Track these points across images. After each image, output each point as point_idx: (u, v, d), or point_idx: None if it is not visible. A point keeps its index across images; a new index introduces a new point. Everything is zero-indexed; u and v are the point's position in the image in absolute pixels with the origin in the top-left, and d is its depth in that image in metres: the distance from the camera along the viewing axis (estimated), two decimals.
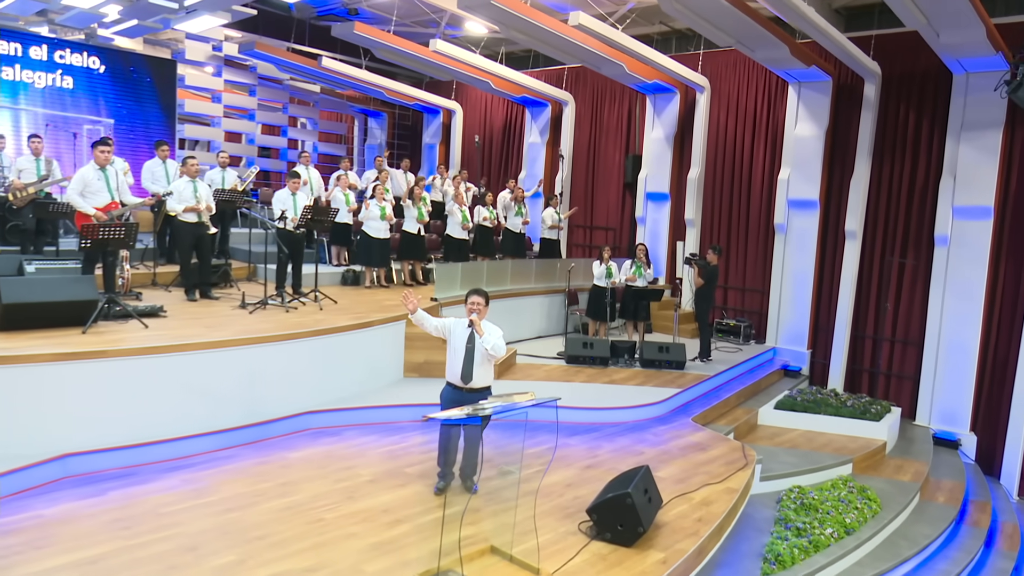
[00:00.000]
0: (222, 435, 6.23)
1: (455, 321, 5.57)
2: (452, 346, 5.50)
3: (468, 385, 5.41)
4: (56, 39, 12.64)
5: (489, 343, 5.32)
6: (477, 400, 5.47)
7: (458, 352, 5.44)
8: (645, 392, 8.53)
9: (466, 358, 5.40)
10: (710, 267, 10.16)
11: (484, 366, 5.45)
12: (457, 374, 5.43)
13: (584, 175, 14.54)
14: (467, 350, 5.41)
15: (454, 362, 5.47)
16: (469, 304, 5.49)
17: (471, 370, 5.39)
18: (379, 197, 10.14)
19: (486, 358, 5.42)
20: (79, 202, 6.93)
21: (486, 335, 5.34)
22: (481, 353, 5.39)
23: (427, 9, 13.27)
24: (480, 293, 5.53)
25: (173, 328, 6.63)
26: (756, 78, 12.17)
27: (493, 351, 5.33)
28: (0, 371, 5.24)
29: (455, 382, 5.47)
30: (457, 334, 5.49)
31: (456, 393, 5.47)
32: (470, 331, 5.44)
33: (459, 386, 5.45)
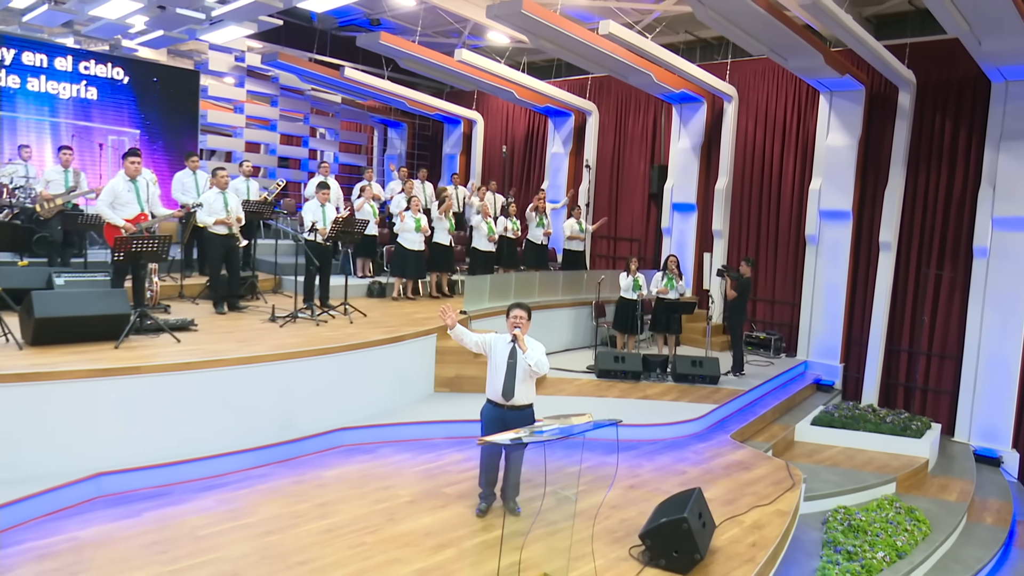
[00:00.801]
0: (255, 453, 6.07)
1: (496, 336, 5.40)
2: (493, 362, 5.32)
3: (510, 402, 5.23)
4: (81, 50, 12.63)
5: (532, 359, 5.14)
6: (519, 418, 5.31)
7: (499, 368, 5.26)
8: (681, 408, 8.32)
9: (507, 374, 5.21)
10: (743, 279, 9.95)
11: (526, 383, 5.27)
12: (498, 391, 5.24)
13: (608, 185, 14.38)
14: (508, 366, 5.22)
15: (495, 379, 5.28)
16: (512, 318, 5.31)
17: (513, 387, 5.20)
18: (414, 209, 10.01)
19: (528, 374, 5.24)
20: (109, 214, 6.84)
21: (529, 350, 5.16)
22: (523, 369, 5.21)
23: (450, 19, 13.20)
24: (523, 307, 5.35)
25: (205, 343, 6.50)
26: (785, 87, 11.99)
27: (536, 367, 5.15)
28: (33, 388, 5.11)
29: (496, 399, 5.29)
30: (498, 349, 5.31)
31: (497, 411, 5.28)
32: (511, 346, 5.27)
33: (500, 403, 5.26)
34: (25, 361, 5.37)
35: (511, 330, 5.27)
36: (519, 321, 5.27)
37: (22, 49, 11.96)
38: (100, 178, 11.09)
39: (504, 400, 5.22)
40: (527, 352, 5.13)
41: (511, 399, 5.20)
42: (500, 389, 5.21)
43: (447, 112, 16.30)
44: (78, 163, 10.85)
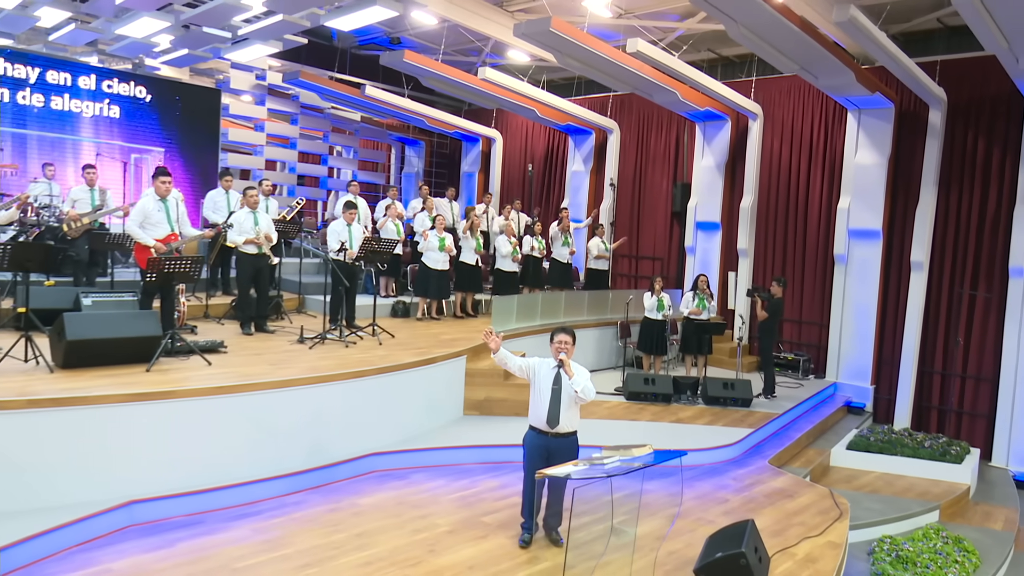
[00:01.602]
0: (288, 479, 5.92)
1: (540, 361, 5.25)
2: (537, 387, 5.17)
3: (554, 430, 5.06)
4: (104, 68, 12.66)
5: (579, 384, 4.98)
6: (564, 445, 5.14)
7: (543, 394, 5.10)
8: (716, 432, 8.12)
9: (552, 400, 5.06)
10: (774, 300, 9.78)
11: (572, 409, 5.11)
12: (542, 418, 5.08)
13: (630, 204, 14.25)
14: (553, 392, 5.07)
15: (539, 405, 5.13)
16: (556, 343, 5.17)
17: (558, 413, 5.05)
18: (439, 228, 9.91)
19: (574, 401, 5.09)
20: (139, 234, 6.74)
21: (575, 376, 5.01)
22: (569, 395, 5.06)
23: (472, 37, 13.17)
24: (568, 332, 5.22)
25: (236, 365, 6.37)
26: (812, 105, 11.87)
27: (583, 394, 5.00)
28: (67, 413, 4.98)
29: (540, 426, 5.12)
30: (542, 375, 5.16)
31: (541, 438, 5.12)
32: (556, 371, 5.12)
33: (544, 430, 5.10)
34: (58, 385, 5.25)
35: (556, 355, 5.12)
36: (564, 346, 5.13)
37: (47, 68, 12.00)
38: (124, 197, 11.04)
39: (549, 427, 5.06)
40: (573, 377, 4.97)
41: (556, 426, 5.04)
42: (544, 416, 5.05)
43: (466, 130, 16.26)
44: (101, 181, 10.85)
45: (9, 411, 4.79)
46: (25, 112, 11.82)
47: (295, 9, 8.82)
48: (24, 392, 5.03)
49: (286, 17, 9.13)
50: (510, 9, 12.11)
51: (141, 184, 12.05)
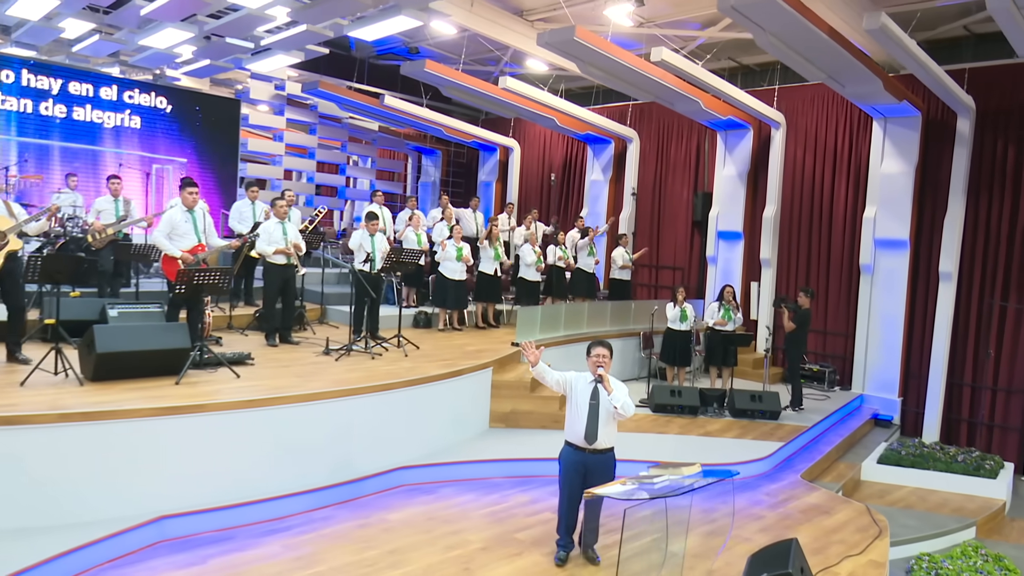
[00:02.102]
0: (315, 494, 5.84)
1: (576, 375, 5.15)
2: (574, 403, 5.06)
3: (592, 446, 4.95)
4: (125, 79, 12.70)
5: (619, 400, 4.87)
6: (601, 462, 5.02)
7: (581, 409, 4.99)
8: (745, 446, 7.98)
9: (590, 416, 4.95)
10: (802, 311, 9.64)
11: (610, 425, 5.00)
12: (580, 434, 4.97)
13: (650, 213, 14.15)
14: (591, 407, 4.95)
15: (576, 420, 5.01)
16: (593, 357, 5.06)
17: (596, 429, 4.93)
18: (456, 238, 9.84)
19: (612, 416, 4.98)
20: (166, 245, 6.71)
21: (615, 391, 4.90)
22: (607, 411, 4.95)
23: (491, 47, 13.15)
24: (605, 345, 5.11)
25: (264, 378, 6.30)
26: (836, 113, 11.75)
27: (623, 410, 4.88)
28: (99, 427, 4.92)
29: (577, 442, 5.01)
30: (579, 389, 5.06)
31: (578, 455, 5.01)
32: (593, 386, 5.02)
33: (581, 447, 4.99)
34: (89, 398, 5.20)
35: (593, 369, 5.02)
36: (602, 360, 5.02)
37: (69, 79, 12.04)
38: (145, 207, 11.06)
39: (586, 444, 4.95)
40: (613, 393, 4.87)
41: (594, 443, 4.93)
42: (582, 432, 4.95)
43: (484, 139, 16.22)
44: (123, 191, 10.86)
45: (41, 425, 4.74)
46: (48, 123, 11.87)
47: (319, 19, 8.80)
48: (55, 406, 4.99)
49: (310, 27, 9.11)
50: (530, 19, 12.08)
51: (162, 194, 12.05)
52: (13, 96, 11.50)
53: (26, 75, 11.62)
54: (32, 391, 5.31)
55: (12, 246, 5.80)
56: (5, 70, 11.42)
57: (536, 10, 11.84)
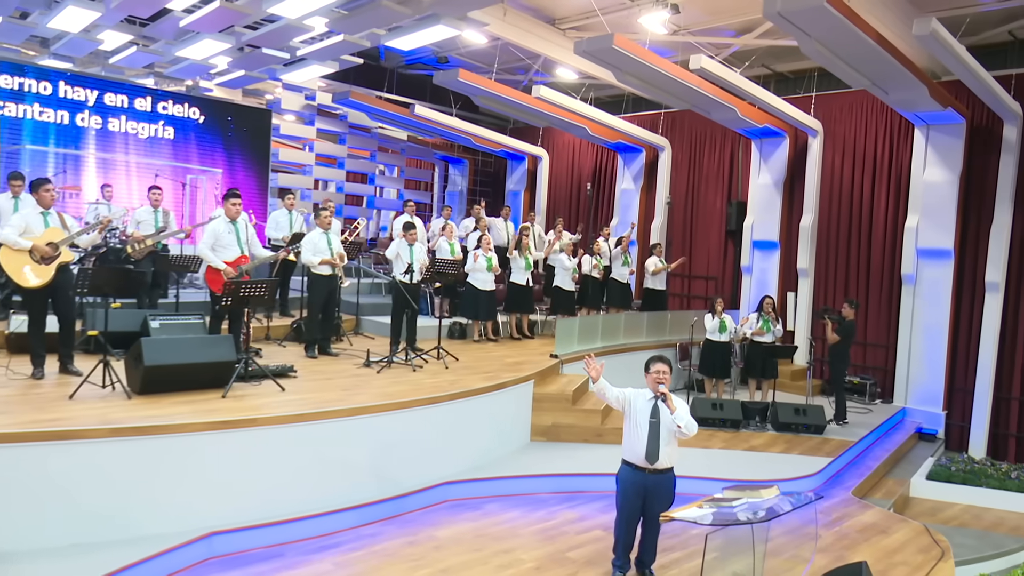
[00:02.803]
0: (362, 510, 5.73)
1: (634, 392, 5.00)
2: (632, 421, 4.89)
3: (653, 465, 4.78)
4: (159, 90, 12.77)
5: (683, 419, 4.73)
6: (662, 482, 4.82)
7: (640, 428, 4.83)
8: (793, 461, 7.79)
9: (651, 434, 4.78)
10: (846, 322, 9.43)
11: (671, 444, 4.83)
12: (640, 453, 4.80)
13: (682, 222, 13.99)
14: (651, 425, 4.79)
15: (635, 439, 4.84)
16: (653, 373, 4.91)
17: (657, 448, 4.76)
18: (485, 247, 9.74)
19: (674, 435, 4.82)
20: (210, 256, 6.67)
21: (678, 410, 4.75)
22: (669, 429, 4.79)
23: (521, 55, 13.10)
24: (664, 360, 4.97)
25: (309, 391, 6.23)
26: (875, 121, 11.55)
27: (687, 429, 4.73)
28: (149, 442, 4.86)
29: (636, 462, 4.83)
30: (638, 407, 4.90)
31: (638, 475, 4.83)
32: (653, 404, 4.86)
33: (641, 466, 4.81)
34: (139, 412, 5.14)
35: (654, 386, 4.88)
36: (662, 376, 4.87)
37: (104, 90, 12.12)
38: (181, 218, 11.08)
39: (648, 463, 4.77)
40: (676, 412, 4.71)
41: (655, 462, 4.76)
42: (643, 451, 4.78)
43: (512, 148, 16.15)
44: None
45: (93, 440, 4.68)
46: (83, 134, 11.94)
47: (357, 29, 8.77)
48: (106, 420, 4.93)
49: (347, 37, 9.09)
50: (562, 27, 12.02)
51: (195, 205, 12.08)
52: (51, 108, 11.59)
53: (63, 87, 11.70)
54: (81, 404, 5.27)
55: (64, 258, 5.78)
56: (43, 82, 11.51)
57: (568, 18, 11.77)
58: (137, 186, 12.20)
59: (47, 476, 4.56)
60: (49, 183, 5.93)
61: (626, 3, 10.73)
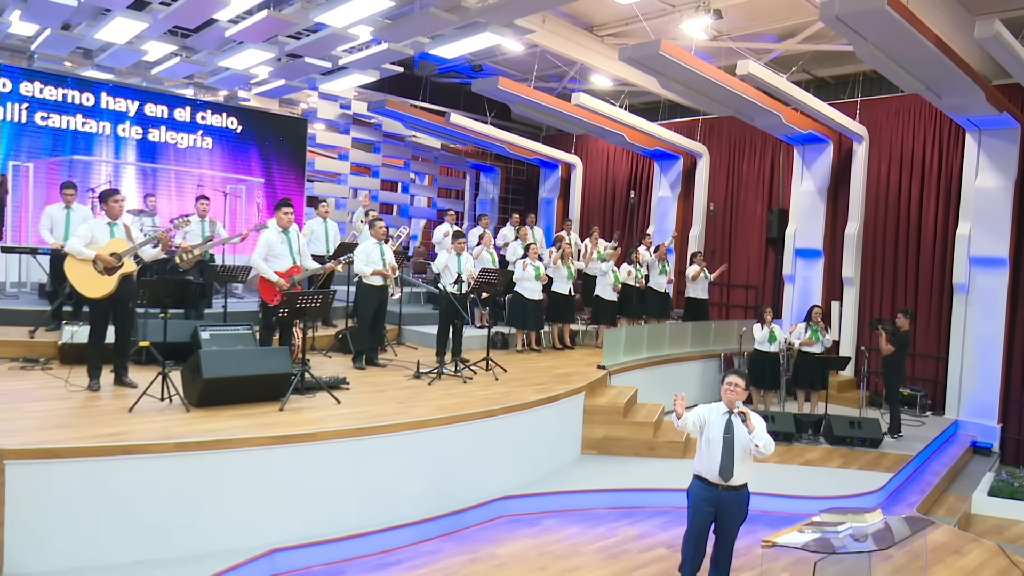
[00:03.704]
0: (421, 526, 5.62)
1: (708, 407, 4.83)
2: (706, 436, 4.73)
3: (727, 482, 4.62)
4: (198, 100, 12.83)
5: (761, 439, 4.55)
6: (735, 500, 4.65)
7: (714, 444, 4.66)
8: (854, 477, 7.56)
9: (725, 451, 4.61)
10: (900, 332, 9.18)
11: (746, 461, 4.66)
12: (714, 469, 4.63)
13: (721, 230, 13.78)
14: (725, 441, 4.62)
15: (709, 455, 4.68)
16: (726, 386, 4.72)
17: (732, 465, 4.59)
18: (532, 256, 9.63)
19: (749, 452, 4.65)
20: (263, 267, 6.62)
21: (757, 430, 4.57)
22: (743, 446, 4.62)
23: (558, 62, 13.00)
24: (739, 374, 4.78)
25: (364, 404, 6.13)
26: (923, 126, 11.30)
27: (765, 449, 4.56)
28: (212, 457, 4.78)
29: (709, 478, 4.67)
30: (712, 422, 4.72)
31: (710, 491, 4.67)
32: (727, 419, 4.70)
33: (714, 483, 4.65)
34: (201, 426, 5.07)
35: (728, 400, 4.71)
36: (735, 390, 4.69)
37: (145, 101, 12.19)
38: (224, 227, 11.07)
39: (721, 480, 4.62)
40: (755, 431, 4.54)
41: (729, 479, 4.61)
42: (716, 467, 4.62)
43: (546, 156, 16.05)
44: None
45: (157, 455, 4.60)
46: (124, 144, 12.02)
47: (402, 38, 8.73)
48: (168, 434, 4.86)
49: (391, 45, 9.05)
50: (600, 34, 11.91)
51: (235, 215, 12.09)
52: (93, 119, 11.68)
53: (105, 97, 11.79)
54: (142, 418, 5.21)
55: (127, 268, 5.74)
56: (85, 93, 11.60)
57: (607, 25, 11.67)
58: (176, 195, 12.26)
59: (111, 491, 4.49)
60: (119, 194, 5.92)
61: (667, 9, 10.60)
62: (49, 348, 7.08)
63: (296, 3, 8.18)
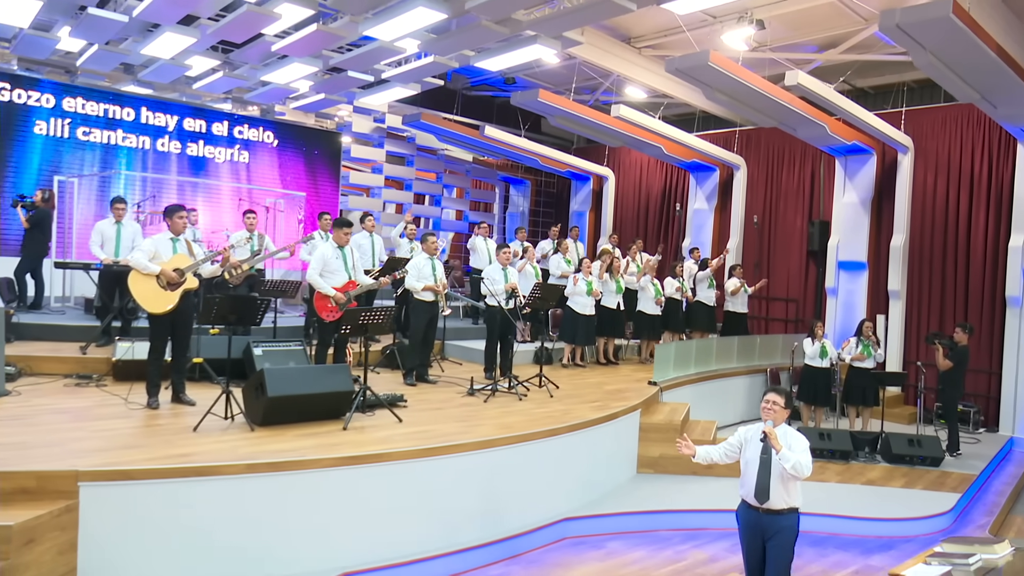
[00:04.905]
0: (488, 548, 5.47)
1: (751, 428, 4.45)
2: (745, 456, 4.39)
3: (764, 505, 4.26)
4: (235, 115, 12.87)
5: (788, 461, 4.11)
6: (777, 525, 4.23)
7: (751, 463, 4.31)
8: (918, 497, 7.33)
9: (761, 471, 4.24)
10: (958, 348, 8.95)
11: (786, 483, 4.23)
12: (750, 490, 4.29)
13: (758, 242, 13.59)
14: (762, 461, 4.24)
15: (747, 475, 4.34)
16: (765, 403, 4.36)
17: (767, 486, 4.22)
18: (585, 271, 9.50)
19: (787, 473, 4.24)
20: (319, 283, 6.54)
21: (784, 450, 4.15)
22: (781, 466, 4.23)
23: (593, 74, 12.92)
24: (778, 391, 4.39)
25: (426, 423, 6.00)
26: (971, 136, 11.09)
27: (794, 471, 4.13)
28: (282, 478, 4.66)
29: (749, 500, 4.33)
30: (751, 440, 4.38)
31: (752, 514, 4.33)
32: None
33: (754, 506, 4.31)
34: (268, 447, 4.96)
35: (765, 419, 4.33)
36: (775, 409, 4.30)
37: (184, 115, 12.25)
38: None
39: (757, 502, 4.27)
40: (781, 452, 4.13)
41: (765, 501, 4.24)
42: (752, 488, 4.27)
43: (578, 168, 15.95)
44: (234, 226, 10.89)
45: (230, 476, 4.50)
46: (164, 159, 12.06)
47: (449, 51, 8.67)
48: (236, 454, 4.76)
49: (437, 58, 8.99)
50: (637, 46, 11.82)
51: (274, 228, 12.07)
52: (134, 133, 11.73)
53: (145, 112, 11.85)
54: (207, 437, 5.12)
55: (189, 284, 5.68)
56: (126, 108, 11.67)
57: (645, 36, 11.58)
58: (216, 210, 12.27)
59: (184, 513, 4.39)
60: (183, 210, 5.87)
61: (707, 20, 10.49)
62: (101, 364, 7.02)
63: (345, 17, 8.14)
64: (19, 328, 7.72)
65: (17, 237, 8.88)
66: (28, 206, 8.76)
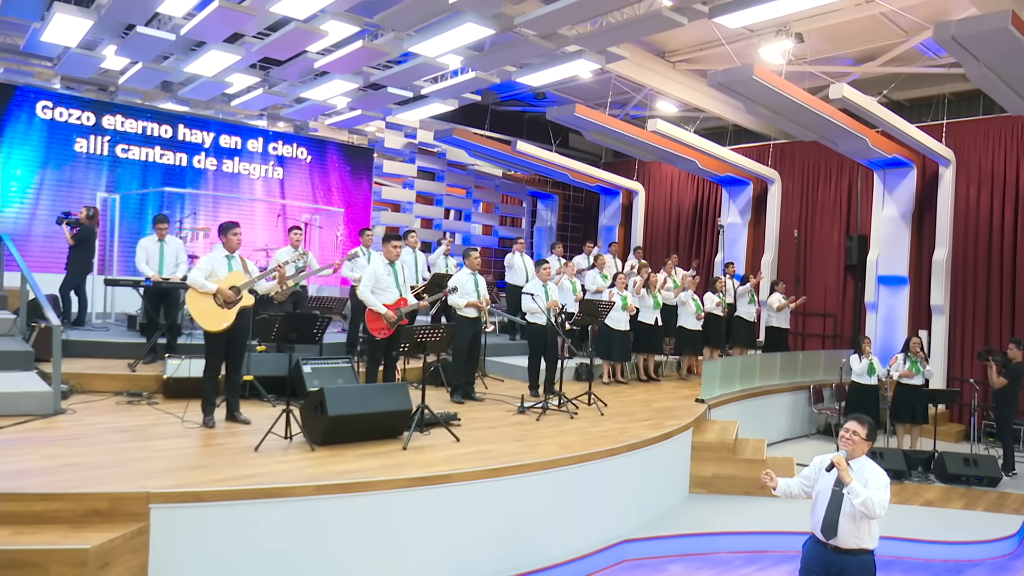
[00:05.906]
0: (547, 572, 5.35)
1: (822, 458, 4.08)
2: (817, 486, 4.05)
3: (832, 542, 3.86)
4: (270, 131, 12.94)
5: (859, 496, 3.70)
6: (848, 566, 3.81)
7: (822, 494, 3.93)
8: (980, 519, 7.14)
9: (831, 504, 3.85)
10: (1012, 364, 8.75)
11: (857, 521, 3.79)
12: (817, 523, 3.93)
13: (794, 257, 13.43)
14: (833, 494, 3.85)
15: (816, 507, 3.98)
16: (843, 433, 3.98)
17: (836, 521, 3.82)
18: (620, 286, 9.40)
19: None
20: (371, 300, 6.48)
21: (854, 483, 3.75)
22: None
23: (626, 88, 12.88)
24: (859, 420, 3.98)
25: (483, 442, 5.91)
26: (1016, 148, 10.93)
27: (864, 508, 3.70)
28: (349, 500, 4.58)
29: (816, 533, 3.98)
30: (823, 470, 4.03)
31: (817, 550, 3.95)
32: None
33: (821, 541, 3.92)
34: (329, 467, 4.87)
35: (843, 448, 3.97)
36: (854, 439, 3.90)
37: (220, 132, 12.32)
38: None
39: (824, 537, 3.91)
40: (851, 485, 3.75)
41: (833, 538, 3.85)
42: (820, 522, 3.91)
43: (608, 183, 15.88)
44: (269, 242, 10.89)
45: (297, 498, 4.42)
46: (200, 175, 12.12)
47: (492, 66, 8.66)
48: (302, 474, 4.69)
49: (479, 74, 8.98)
50: (671, 60, 11.78)
51: (311, 244, 12.08)
52: (171, 150, 11.80)
53: (182, 129, 11.93)
54: (269, 457, 5.05)
55: (245, 302, 5.65)
56: (164, 125, 11.76)
57: (679, 51, 11.55)
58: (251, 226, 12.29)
59: (254, 535, 4.32)
60: (237, 227, 5.85)
61: (745, 34, 10.43)
62: (151, 382, 6.99)
63: (390, 33, 8.15)
64: (66, 345, 7.66)
65: (62, 254, 8.91)
66: (73, 223, 8.80)
